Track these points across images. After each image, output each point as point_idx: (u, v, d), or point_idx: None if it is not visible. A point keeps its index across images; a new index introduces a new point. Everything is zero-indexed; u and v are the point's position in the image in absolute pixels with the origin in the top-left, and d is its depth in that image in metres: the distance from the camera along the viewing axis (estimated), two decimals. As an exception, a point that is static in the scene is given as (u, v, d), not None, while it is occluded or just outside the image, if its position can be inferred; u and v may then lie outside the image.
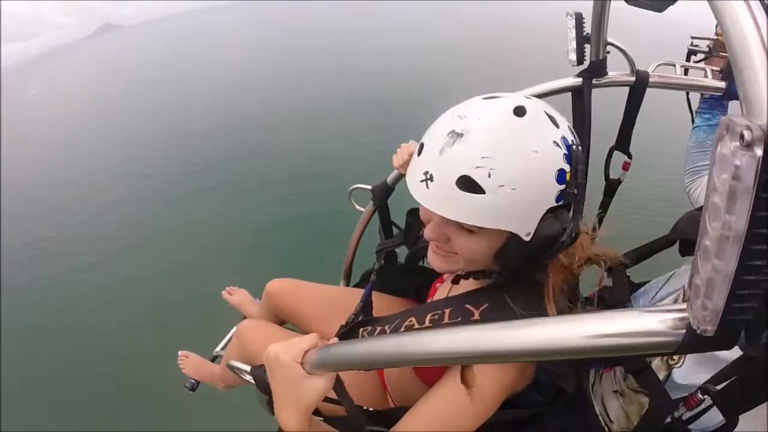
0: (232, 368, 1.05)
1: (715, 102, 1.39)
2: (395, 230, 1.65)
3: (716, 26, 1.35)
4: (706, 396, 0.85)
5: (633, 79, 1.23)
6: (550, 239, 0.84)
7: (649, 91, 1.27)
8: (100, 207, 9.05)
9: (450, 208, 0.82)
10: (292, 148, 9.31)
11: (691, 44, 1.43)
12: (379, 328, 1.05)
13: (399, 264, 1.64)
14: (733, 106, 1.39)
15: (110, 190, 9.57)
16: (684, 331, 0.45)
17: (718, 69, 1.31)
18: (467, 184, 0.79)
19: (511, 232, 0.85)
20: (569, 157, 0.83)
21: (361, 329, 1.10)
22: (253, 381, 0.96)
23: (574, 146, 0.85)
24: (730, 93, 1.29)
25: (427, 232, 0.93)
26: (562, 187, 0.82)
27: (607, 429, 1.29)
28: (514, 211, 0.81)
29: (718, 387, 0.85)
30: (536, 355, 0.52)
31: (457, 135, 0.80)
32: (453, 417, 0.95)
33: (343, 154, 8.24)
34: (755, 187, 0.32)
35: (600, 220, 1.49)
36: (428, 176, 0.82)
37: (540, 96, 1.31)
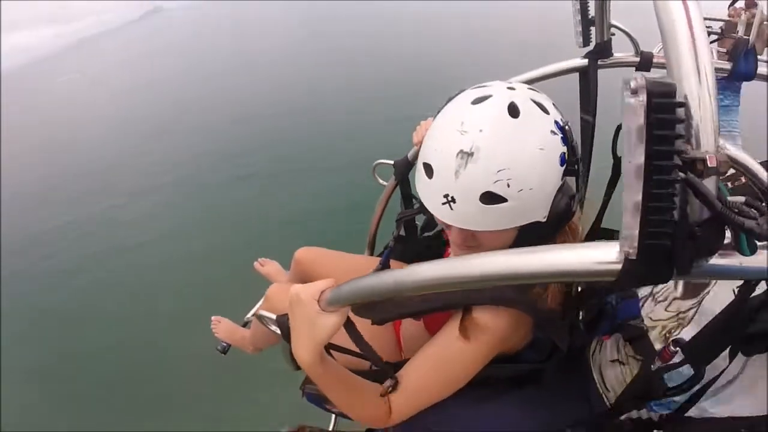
0: (261, 318, 1.16)
1: (728, 83, 1.41)
2: (416, 203, 1.75)
3: (729, 7, 1.37)
4: (678, 348, 0.93)
5: (638, 59, 1.28)
6: (563, 213, 0.93)
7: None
8: (135, 191, 9.24)
9: (478, 223, 0.89)
10: (332, 136, 9.18)
11: (704, 25, 1.44)
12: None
13: (417, 234, 1.75)
14: (745, 87, 1.40)
15: (147, 174, 9.73)
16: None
17: (725, 50, 1.33)
18: (490, 198, 0.86)
19: None
20: (565, 139, 0.91)
21: None
22: (278, 330, 1.10)
23: (566, 126, 0.93)
24: (736, 73, 1.31)
25: (454, 238, 1.00)
26: (564, 167, 0.90)
27: (604, 397, 1.36)
28: (534, 205, 0.89)
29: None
30: (509, 278, 0.62)
31: (467, 155, 0.85)
32: (450, 360, 1.06)
33: (381, 142, 8.28)
34: (646, 125, 0.41)
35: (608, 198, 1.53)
36: (450, 198, 0.89)
37: (548, 76, 1.39)
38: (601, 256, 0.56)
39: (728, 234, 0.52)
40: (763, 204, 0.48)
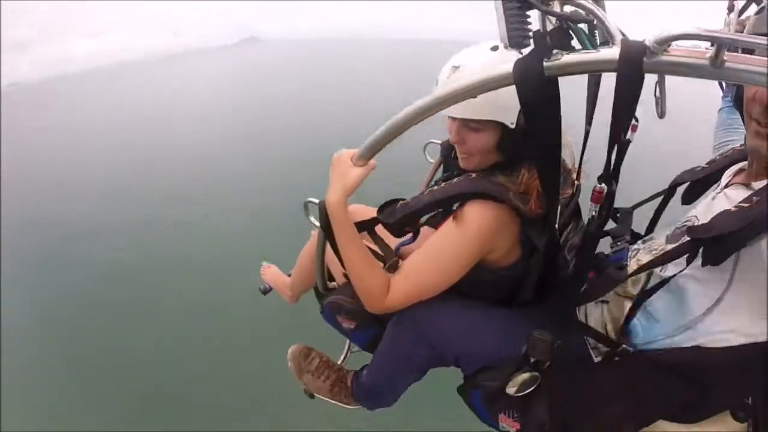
0: (307, 204, 1.49)
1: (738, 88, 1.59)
2: None
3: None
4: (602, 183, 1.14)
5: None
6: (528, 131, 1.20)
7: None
8: (219, 207, 9.80)
9: (458, 111, 1.28)
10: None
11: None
12: (411, 198, 1.46)
13: None
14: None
15: (234, 192, 10.27)
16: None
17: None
18: None
19: (501, 124, 1.29)
20: None
21: (399, 202, 1.50)
22: (317, 222, 1.43)
23: None
24: None
25: (452, 137, 1.40)
26: None
27: (586, 340, 1.42)
28: (498, 106, 1.26)
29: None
30: (465, 92, 0.99)
31: (455, 68, 1.27)
32: (443, 246, 1.34)
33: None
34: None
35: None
36: None
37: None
38: (502, 69, 0.92)
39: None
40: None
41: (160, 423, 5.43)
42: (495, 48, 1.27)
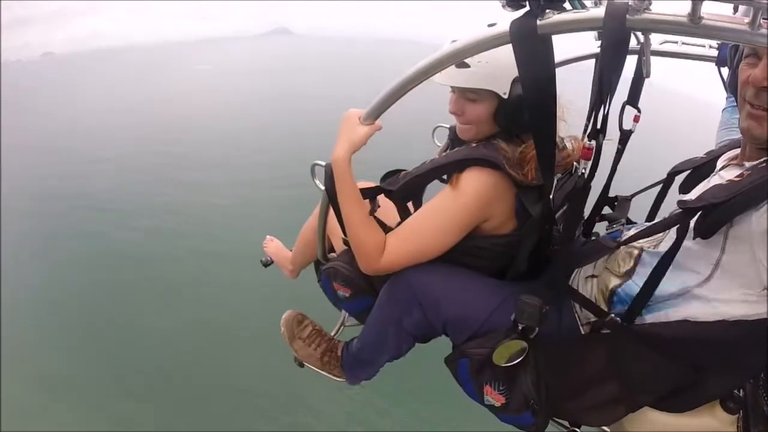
0: (314, 167, 1.56)
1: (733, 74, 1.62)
2: None
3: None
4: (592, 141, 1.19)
5: (638, 47, 1.61)
6: (523, 100, 1.25)
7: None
8: (239, 193, 9.75)
9: (452, 79, 1.36)
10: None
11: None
12: (413, 168, 1.52)
13: None
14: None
15: (260, 184, 10.21)
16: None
17: (716, 46, 1.59)
18: (461, 64, 1.32)
19: (495, 94, 1.35)
20: None
21: (402, 172, 1.57)
22: (323, 187, 1.50)
23: None
24: (721, 59, 1.55)
25: (451, 108, 1.47)
26: None
27: (576, 315, 1.44)
28: (491, 76, 1.33)
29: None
30: (458, 53, 1.09)
31: (454, 41, 1.30)
32: (438, 209, 1.39)
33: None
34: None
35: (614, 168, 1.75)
36: None
37: (569, 62, 1.80)
38: (499, 28, 0.98)
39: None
40: None
41: (164, 405, 5.46)
42: (492, 24, 1.32)
